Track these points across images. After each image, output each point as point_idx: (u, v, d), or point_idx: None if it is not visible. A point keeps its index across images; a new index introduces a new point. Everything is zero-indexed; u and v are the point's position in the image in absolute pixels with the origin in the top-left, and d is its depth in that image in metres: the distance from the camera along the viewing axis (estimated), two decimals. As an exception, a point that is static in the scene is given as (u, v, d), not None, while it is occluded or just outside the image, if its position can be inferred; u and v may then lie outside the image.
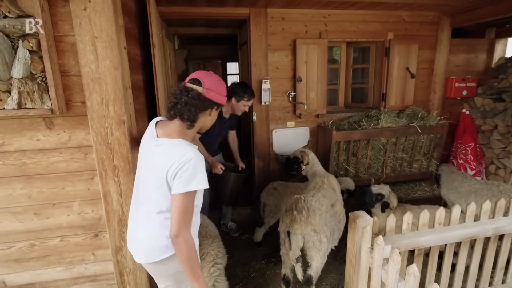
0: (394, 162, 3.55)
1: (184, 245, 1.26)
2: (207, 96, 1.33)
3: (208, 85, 1.33)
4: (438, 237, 1.93)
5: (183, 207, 1.26)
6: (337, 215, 2.38)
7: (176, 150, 1.28)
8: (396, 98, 3.70)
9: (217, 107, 1.41)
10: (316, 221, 2.04)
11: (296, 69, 3.40)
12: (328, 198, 2.37)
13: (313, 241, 2.03)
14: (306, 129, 3.66)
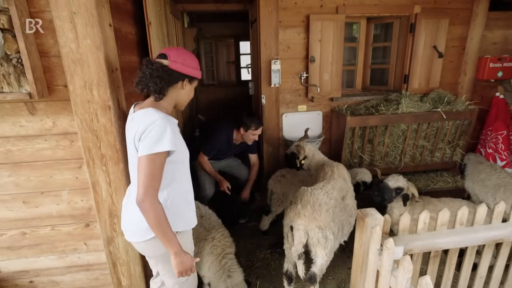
0: (413, 150, 3.28)
1: (151, 210, 1.21)
2: (173, 68, 1.32)
3: (174, 57, 1.33)
4: (458, 239, 1.73)
5: (149, 170, 1.21)
6: (348, 209, 2.21)
7: (143, 115, 1.29)
8: (420, 80, 3.36)
9: (190, 80, 1.39)
10: (322, 216, 1.88)
11: (309, 48, 3.13)
12: (338, 190, 2.19)
13: (317, 238, 1.88)
14: (319, 113, 3.42)
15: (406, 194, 2.41)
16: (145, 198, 1.20)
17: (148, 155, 1.21)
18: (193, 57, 1.41)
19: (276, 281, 2.41)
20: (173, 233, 1.29)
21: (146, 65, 1.31)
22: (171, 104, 1.41)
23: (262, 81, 3.18)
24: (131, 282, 1.76)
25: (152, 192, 1.22)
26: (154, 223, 1.23)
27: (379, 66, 3.71)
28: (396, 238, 1.71)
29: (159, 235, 1.26)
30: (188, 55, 1.38)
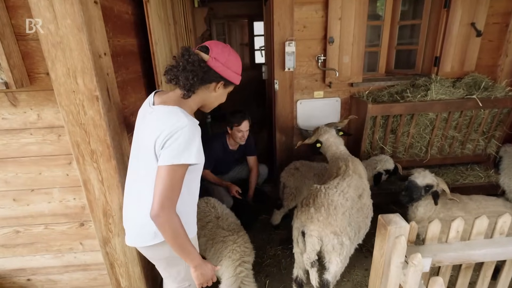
0: (442, 141, 2.97)
1: (167, 225, 1.10)
2: (211, 66, 1.16)
3: (216, 54, 1.16)
4: (498, 252, 1.49)
5: (169, 182, 1.08)
6: (365, 209, 2.00)
7: (168, 116, 1.13)
8: (453, 62, 2.99)
9: (225, 84, 1.24)
10: (338, 221, 1.68)
11: (327, 28, 2.82)
12: (354, 188, 1.97)
13: (332, 245, 1.68)
14: (337, 100, 3.15)
15: (436, 191, 2.16)
16: (161, 213, 1.08)
17: (171, 166, 1.08)
18: (238, 60, 1.25)
19: (287, 280, 2.27)
20: (192, 246, 1.18)
21: (182, 54, 1.15)
22: (197, 104, 1.26)
23: (275, 65, 2.92)
24: (130, 283, 1.66)
25: (169, 205, 1.10)
26: (171, 238, 1.13)
27: (406, 47, 3.35)
28: (423, 248, 1.49)
29: (177, 250, 1.16)
30: (233, 56, 1.22)
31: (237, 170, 3.02)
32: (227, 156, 2.77)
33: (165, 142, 1.09)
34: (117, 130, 1.43)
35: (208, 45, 1.18)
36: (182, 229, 1.14)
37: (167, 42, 2.31)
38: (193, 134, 1.12)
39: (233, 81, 1.25)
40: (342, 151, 2.39)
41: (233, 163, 2.93)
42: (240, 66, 1.28)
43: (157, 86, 1.93)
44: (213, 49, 1.17)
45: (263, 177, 3.03)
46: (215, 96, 1.26)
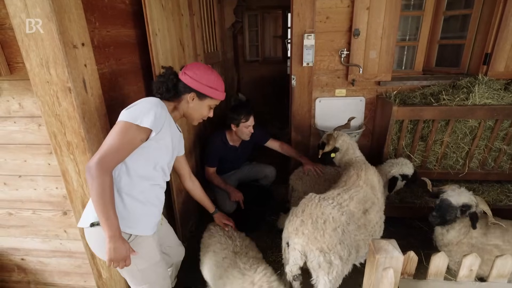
0: (485, 154, 2.52)
1: (95, 181, 1.10)
2: (181, 78, 1.37)
3: (186, 69, 1.38)
4: (523, 302, 1.18)
5: (117, 140, 1.15)
6: (370, 226, 1.75)
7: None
8: (509, 60, 2.50)
9: (199, 96, 1.39)
10: (325, 237, 1.49)
11: (353, 19, 2.53)
12: (359, 201, 1.74)
13: (318, 262, 1.50)
14: (361, 99, 2.85)
15: (475, 213, 1.81)
16: (95, 166, 1.10)
17: (125, 123, 1.17)
18: (211, 76, 1.39)
19: None
20: (114, 214, 1.15)
21: (164, 71, 1.41)
22: (179, 112, 1.44)
23: (293, 59, 2.72)
24: (110, 275, 1.66)
25: (108, 164, 1.13)
26: (96, 194, 1.11)
27: (451, 42, 2.89)
28: (422, 284, 1.24)
29: (98, 211, 1.13)
30: (205, 72, 1.38)
31: (245, 168, 2.90)
32: (229, 152, 2.66)
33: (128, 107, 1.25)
34: (94, 123, 1.40)
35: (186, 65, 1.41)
36: (110, 192, 1.14)
37: (175, 33, 2.26)
38: (154, 104, 1.25)
39: (205, 92, 1.38)
40: (358, 157, 2.14)
41: (240, 158, 2.82)
42: (215, 81, 1.40)
43: (154, 79, 1.88)
44: (187, 66, 1.39)
45: (270, 179, 2.88)
46: (192, 107, 1.41)
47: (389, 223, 2.22)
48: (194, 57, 2.86)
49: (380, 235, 1.84)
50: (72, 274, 1.76)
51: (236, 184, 2.79)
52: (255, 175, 2.92)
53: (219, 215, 1.92)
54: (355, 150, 2.16)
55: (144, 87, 1.96)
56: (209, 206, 1.88)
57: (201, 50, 3.11)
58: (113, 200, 1.15)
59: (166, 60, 2.06)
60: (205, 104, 1.42)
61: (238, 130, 2.52)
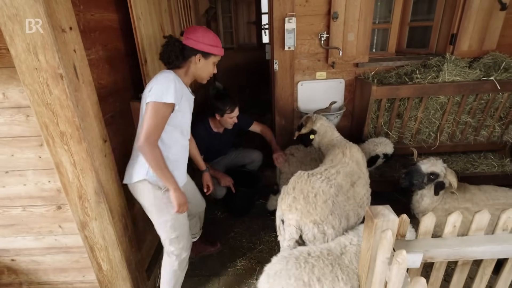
0: (453, 127, 2.75)
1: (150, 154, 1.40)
2: (185, 43, 1.51)
3: (188, 33, 1.51)
4: (499, 249, 1.35)
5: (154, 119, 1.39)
6: (358, 198, 1.88)
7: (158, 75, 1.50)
8: (472, 40, 2.72)
9: (204, 55, 1.54)
10: (317, 209, 1.59)
11: (332, 2, 2.60)
12: (346, 174, 1.85)
13: (313, 234, 1.59)
14: (341, 81, 2.96)
15: (441, 182, 2.00)
16: (145, 144, 1.38)
17: (154, 103, 1.39)
18: (209, 34, 1.54)
19: (278, 268, 2.22)
20: (170, 173, 1.48)
21: (166, 40, 1.55)
22: (190, 77, 1.60)
23: (275, 44, 2.75)
24: (111, 266, 1.64)
25: (153, 138, 1.40)
26: (153, 164, 1.43)
27: (420, 24, 3.07)
28: (415, 243, 1.37)
29: (158, 174, 1.46)
30: (204, 33, 1.52)
31: (231, 154, 2.93)
32: (214, 139, 2.65)
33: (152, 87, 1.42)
34: (88, 111, 1.36)
35: (185, 29, 1.54)
36: (162, 159, 1.45)
37: (156, 18, 2.19)
38: (171, 80, 1.44)
39: (209, 51, 1.52)
40: (338, 137, 2.25)
41: (225, 145, 2.83)
42: (213, 39, 1.54)
43: (141, 65, 1.83)
44: (186, 31, 1.52)
45: (257, 163, 2.93)
46: (200, 67, 1.56)
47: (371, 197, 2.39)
48: (174, 43, 2.79)
49: (368, 204, 1.97)
50: (69, 270, 1.71)
51: (223, 171, 2.82)
52: (242, 161, 2.95)
53: (207, 175, 2.15)
54: (333, 131, 2.27)
55: (130, 74, 1.90)
56: (201, 164, 2.14)
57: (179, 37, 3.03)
58: (165, 164, 1.46)
59: (150, 46, 2.00)
60: (210, 61, 1.58)
61: (222, 120, 2.52)
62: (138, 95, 1.95)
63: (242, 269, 2.23)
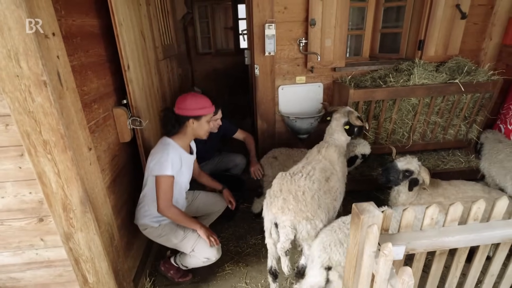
0: (424, 127, 2.94)
1: (170, 215, 1.81)
2: (178, 113, 1.81)
3: (177, 104, 1.81)
4: (471, 238, 1.47)
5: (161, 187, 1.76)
6: (332, 192, 1.94)
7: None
8: (437, 46, 2.93)
9: (196, 118, 1.83)
10: (308, 206, 1.66)
11: (309, 9, 2.71)
12: (320, 170, 1.94)
13: (307, 231, 1.66)
14: (320, 85, 3.07)
15: (415, 179, 2.14)
16: (163, 210, 1.78)
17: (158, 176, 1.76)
18: (197, 99, 1.80)
19: (266, 270, 2.24)
20: (190, 219, 1.86)
21: (164, 112, 1.88)
22: (190, 137, 1.92)
23: (255, 49, 2.81)
24: (98, 278, 1.59)
25: (167, 203, 1.78)
26: (176, 219, 1.84)
27: (391, 30, 3.26)
28: (397, 236, 1.46)
29: (181, 224, 1.87)
30: (192, 100, 1.79)
31: (215, 159, 2.93)
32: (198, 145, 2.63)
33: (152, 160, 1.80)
34: (72, 119, 1.32)
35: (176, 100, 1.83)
36: (181, 213, 1.84)
37: (137, 23, 2.17)
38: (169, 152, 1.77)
39: (199, 114, 1.81)
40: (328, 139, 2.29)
41: (209, 150, 2.83)
42: (201, 102, 1.81)
43: (123, 71, 1.80)
44: (177, 101, 1.82)
45: (241, 167, 2.95)
46: (195, 128, 1.86)
47: (352, 195, 2.49)
48: (154, 49, 2.76)
49: (341, 199, 2.06)
50: (52, 285, 1.63)
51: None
52: (226, 165, 2.96)
53: (227, 191, 2.35)
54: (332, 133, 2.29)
55: (112, 80, 1.86)
56: (216, 185, 2.37)
57: (159, 42, 3.01)
58: (184, 214, 1.86)
59: (132, 52, 1.98)
60: (203, 121, 1.84)
61: None
62: (121, 101, 1.92)
63: (230, 273, 2.24)
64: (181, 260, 2.04)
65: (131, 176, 2.09)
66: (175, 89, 3.71)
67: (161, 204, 1.76)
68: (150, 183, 1.85)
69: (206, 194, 2.36)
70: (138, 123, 1.94)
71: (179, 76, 4.12)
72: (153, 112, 2.44)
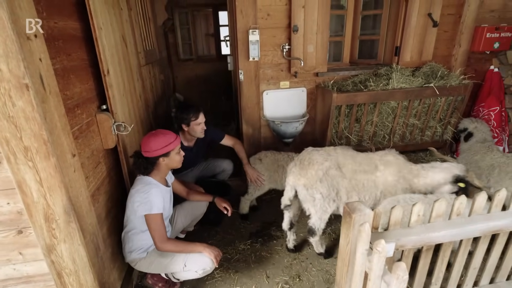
0: (403, 129, 3.07)
1: (168, 248, 1.81)
2: (146, 155, 1.84)
3: (143, 147, 1.84)
4: (455, 232, 1.54)
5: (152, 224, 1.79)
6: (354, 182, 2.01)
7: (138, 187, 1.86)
8: (413, 52, 3.09)
9: (165, 155, 1.86)
10: (308, 175, 1.94)
11: (292, 16, 2.77)
12: (352, 158, 2.06)
13: (304, 195, 1.99)
14: (303, 90, 3.13)
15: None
16: (159, 245, 1.79)
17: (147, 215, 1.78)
18: (159, 139, 1.83)
19: (256, 275, 2.22)
20: (189, 244, 1.86)
21: (133, 158, 1.89)
22: (164, 172, 1.96)
23: (239, 55, 2.82)
24: (82, 292, 1.51)
25: (161, 238, 1.79)
26: (176, 251, 1.85)
27: (369, 37, 3.40)
28: (387, 234, 1.50)
29: (184, 252, 1.86)
30: (155, 140, 1.82)
31: (202, 165, 2.89)
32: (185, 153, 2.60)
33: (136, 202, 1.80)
34: (55, 124, 1.26)
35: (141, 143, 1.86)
36: (179, 244, 1.88)
37: (118, 28, 2.13)
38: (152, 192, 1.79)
39: (167, 151, 1.84)
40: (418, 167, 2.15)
41: (196, 158, 2.79)
42: (164, 140, 1.83)
43: (103, 76, 1.75)
44: (142, 145, 1.84)
45: (228, 172, 2.93)
46: (167, 163, 1.90)
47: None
48: (136, 54, 2.71)
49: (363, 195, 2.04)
50: (31, 302, 1.53)
51: (193, 181, 2.76)
52: (213, 170, 2.93)
53: (218, 199, 2.33)
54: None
55: (95, 86, 1.81)
56: (207, 198, 2.38)
57: (141, 48, 2.96)
58: (182, 243, 1.91)
59: (112, 57, 1.93)
60: (172, 155, 1.88)
61: (190, 129, 2.50)
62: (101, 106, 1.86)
63: (220, 280, 2.19)
64: (174, 273, 1.96)
65: (115, 184, 2.02)
66: (157, 95, 3.64)
67: (157, 241, 1.78)
68: (133, 222, 1.84)
69: (181, 206, 2.34)
70: (123, 129, 1.88)
71: (162, 82, 4.06)
72: (136, 118, 2.38)
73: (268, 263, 2.33)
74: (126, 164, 2.02)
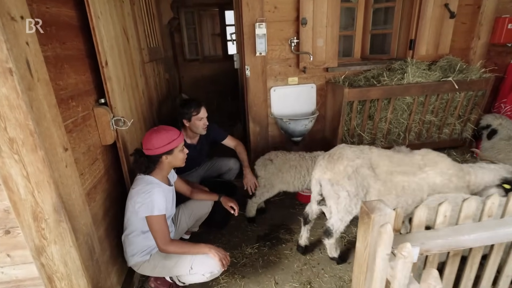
0: (420, 126, 2.89)
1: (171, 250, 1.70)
2: (148, 154, 1.72)
3: (145, 145, 1.72)
4: (486, 235, 1.37)
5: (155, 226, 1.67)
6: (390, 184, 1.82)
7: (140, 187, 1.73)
8: (428, 45, 2.92)
9: (167, 153, 1.73)
10: (334, 170, 1.82)
11: (300, 8, 2.65)
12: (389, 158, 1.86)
13: (328, 190, 1.86)
14: (312, 86, 2.99)
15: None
16: (162, 247, 1.68)
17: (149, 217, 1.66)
18: (162, 136, 1.70)
19: (264, 281, 2.08)
20: (194, 246, 1.74)
21: (134, 156, 1.76)
22: (167, 171, 1.83)
23: (246, 50, 2.71)
24: (75, 298, 1.39)
25: (164, 240, 1.68)
26: (180, 252, 1.73)
27: (381, 31, 3.24)
28: (410, 237, 1.34)
29: (189, 254, 1.74)
30: (157, 137, 1.70)
31: (207, 164, 2.77)
32: (192, 151, 2.49)
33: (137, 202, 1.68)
34: (44, 114, 1.16)
35: (142, 141, 1.74)
36: (183, 245, 1.76)
37: (118, 20, 2.03)
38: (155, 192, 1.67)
39: (169, 149, 1.72)
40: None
41: (200, 156, 2.68)
42: (167, 136, 1.71)
43: (101, 67, 1.65)
44: (143, 143, 1.73)
45: (234, 171, 2.80)
46: (170, 161, 1.78)
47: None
48: (139, 50, 2.62)
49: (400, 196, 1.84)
50: (21, 308, 1.42)
51: (198, 181, 2.65)
52: (219, 170, 2.81)
53: (224, 198, 2.22)
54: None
55: (93, 78, 1.71)
56: (212, 197, 2.25)
57: (145, 44, 2.88)
58: (186, 244, 1.79)
59: (112, 49, 1.83)
60: (175, 152, 1.76)
61: (192, 125, 2.40)
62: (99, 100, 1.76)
63: (226, 286, 2.05)
64: (179, 276, 1.84)
65: (114, 183, 1.91)
66: (162, 94, 3.55)
67: (160, 243, 1.68)
68: (134, 224, 1.74)
69: (185, 205, 2.22)
70: (122, 124, 1.78)
71: (166, 81, 3.98)
72: (138, 115, 2.29)
73: (276, 268, 2.18)
74: (126, 162, 1.91)
